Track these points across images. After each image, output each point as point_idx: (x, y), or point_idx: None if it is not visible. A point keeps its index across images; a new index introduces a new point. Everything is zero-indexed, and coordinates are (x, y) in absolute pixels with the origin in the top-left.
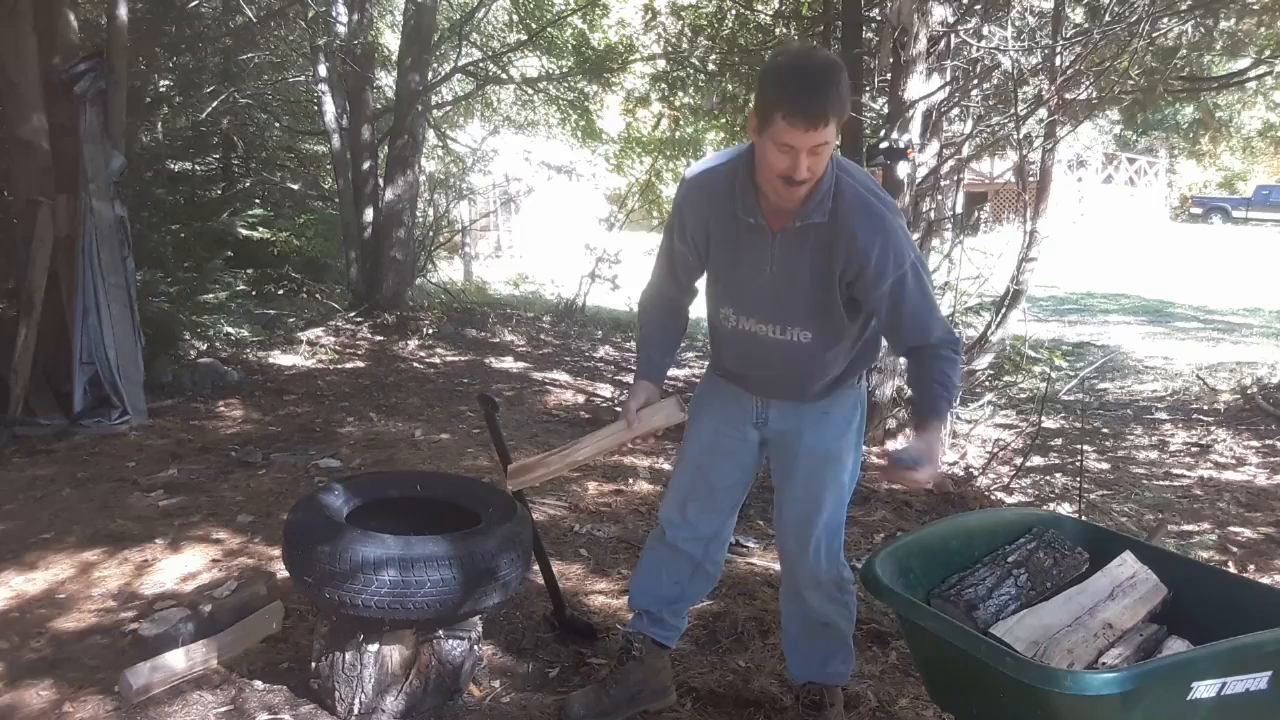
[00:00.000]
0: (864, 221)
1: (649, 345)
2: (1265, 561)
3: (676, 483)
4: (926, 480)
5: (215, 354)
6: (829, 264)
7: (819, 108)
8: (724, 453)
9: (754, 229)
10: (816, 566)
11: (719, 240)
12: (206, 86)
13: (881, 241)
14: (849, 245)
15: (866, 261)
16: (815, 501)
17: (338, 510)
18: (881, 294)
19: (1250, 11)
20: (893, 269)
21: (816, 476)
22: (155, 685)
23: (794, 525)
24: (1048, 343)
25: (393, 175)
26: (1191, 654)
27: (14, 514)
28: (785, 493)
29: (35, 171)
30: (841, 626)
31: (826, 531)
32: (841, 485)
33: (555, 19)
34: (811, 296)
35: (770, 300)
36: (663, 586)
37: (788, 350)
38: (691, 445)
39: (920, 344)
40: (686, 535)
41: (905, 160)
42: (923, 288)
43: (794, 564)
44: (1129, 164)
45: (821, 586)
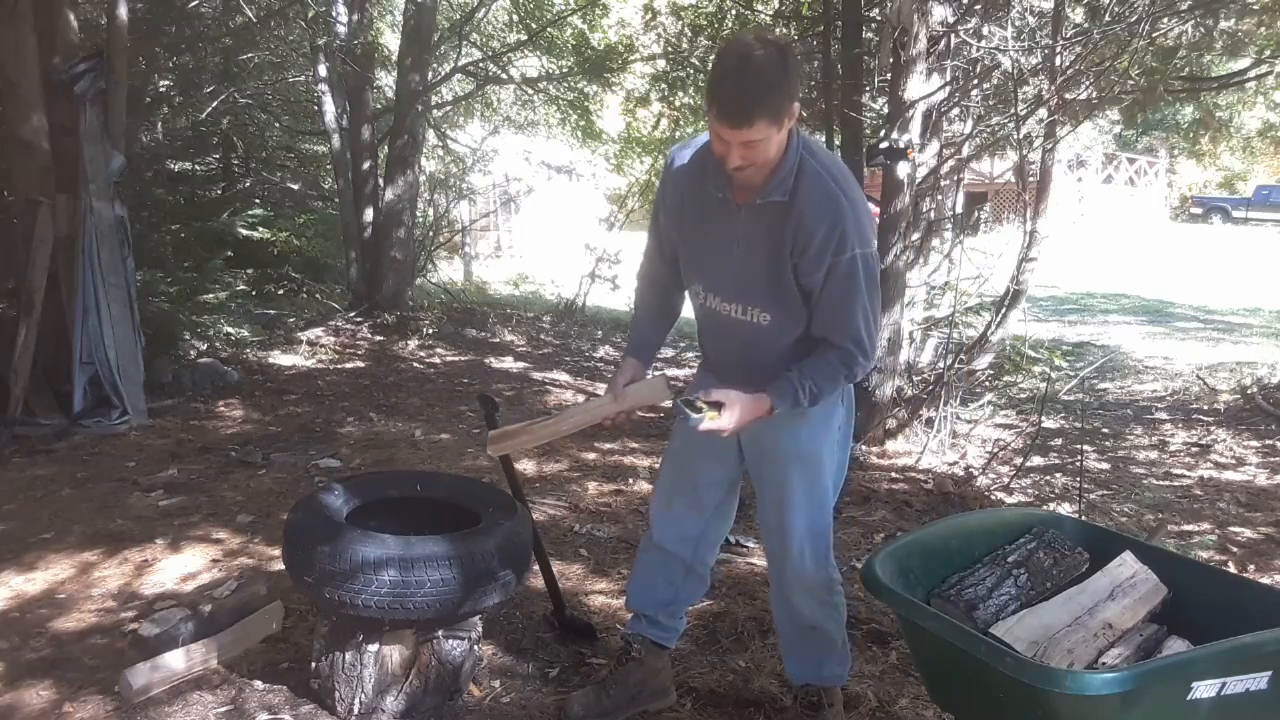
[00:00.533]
0: (816, 201)
1: (640, 324)
2: (1265, 561)
3: (661, 480)
4: (711, 429)
5: (215, 354)
6: (782, 242)
7: (744, 111)
8: (704, 449)
9: (722, 203)
10: (801, 570)
11: (691, 214)
12: (206, 86)
13: (830, 222)
14: (798, 223)
15: (810, 240)
16: (792, 504)
17: (338, 510)
18: (816, 278)
19: (1250, 11)
20: (832, 253)
21: (792, 479)
22: (155, 685)
23: (773, 529)
24: (1048, 343)
25: (393, 175)
26: (1191, 654)
27: (14, 514)
28: (762, 495)
29: (35, 171)
30: (830, 629)
31: (810, 535)
32: (821, 488)
33: (555, 19)
34: (768, 275)
35: (734, 277)
36: (657, 589)
37: (748, 333)
38: (674, 441)
39: (824, 337)
40: (673, 535)
41: (905, 160)
42: (855, 284)
43: (779, 567)
44: (1129, 164)
45: (808, 590)
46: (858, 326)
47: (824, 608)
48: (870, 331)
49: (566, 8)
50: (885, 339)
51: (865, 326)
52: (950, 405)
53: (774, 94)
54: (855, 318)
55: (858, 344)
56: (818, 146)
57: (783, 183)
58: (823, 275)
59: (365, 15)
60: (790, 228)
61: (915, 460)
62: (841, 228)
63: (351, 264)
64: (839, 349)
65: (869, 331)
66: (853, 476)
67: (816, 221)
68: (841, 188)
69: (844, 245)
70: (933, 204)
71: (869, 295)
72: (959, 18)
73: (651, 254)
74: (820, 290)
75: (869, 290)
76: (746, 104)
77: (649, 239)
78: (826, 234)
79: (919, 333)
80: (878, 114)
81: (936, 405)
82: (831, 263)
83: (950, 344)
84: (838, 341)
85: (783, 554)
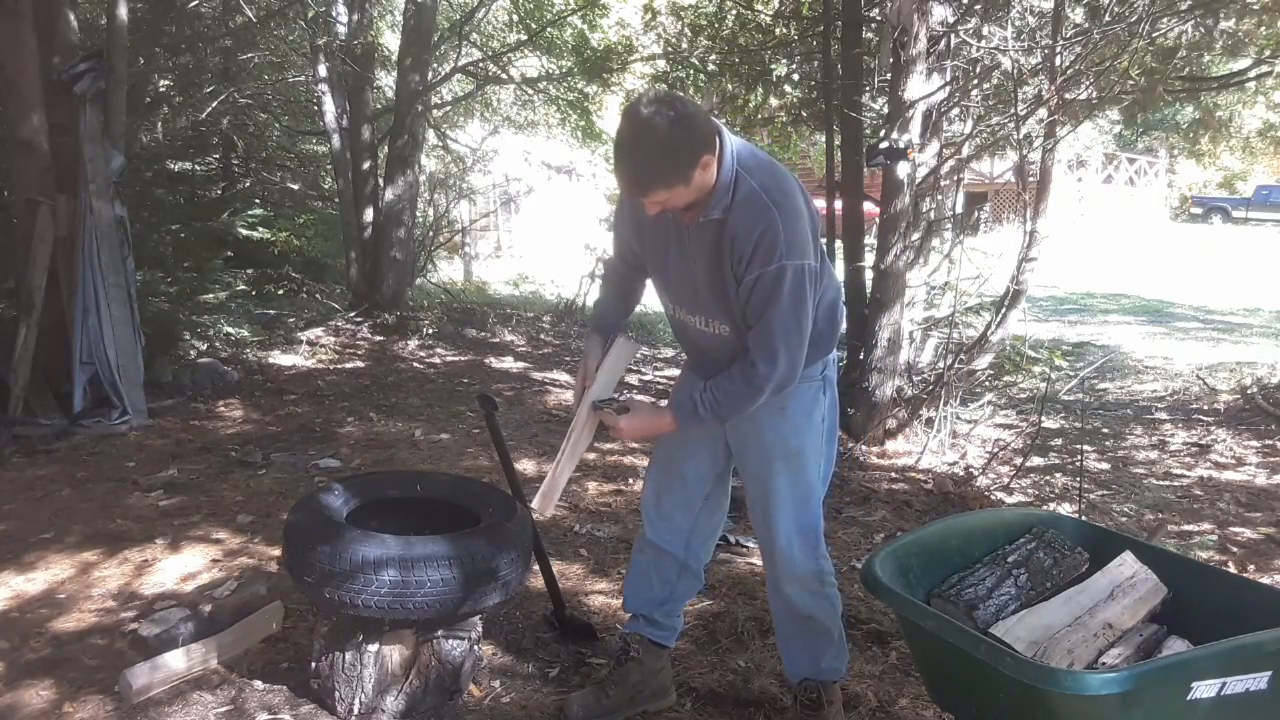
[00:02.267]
0: (749, 215)
1: (602, 305)
2: (1265, 561)
3: (650, 477)
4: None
5: (215, 354)
6: (721, 257)
7: (638, 185)
8: (690, 443)
9: (674, 222)
10: (790, 562)
11: (650, 231)
12: (206, 86)
13: (762, 232)
14: (732, 236)
15: (744, 251)
16: (778, 499)
17: (338, 510)
18: (746, 284)
19: (1250, 11)
20: (760, 263)
21: (777, 473)
22: (155, 685)
23: (761, 524)
24: (1048, 343)
25: (393, 175)
26: (1191, 654)
27: (14, 514)
28: (749, 491)
29: (35, 171)
30: (825, 620)
31: (798, 529)
32: (807, 482)
33: (555, 19)
34: (716, 290)
35: (690, 292)
36: (652, 588)
37: (713, 342)
38: (661, 439)
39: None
40: (664, 530)
41: (905, 160)
42: (778, 297)
43: (769, 560)
44: (1129, 164)
45: (799, 581)
46: (773, 341)
47: (817, 599)
48: (790, 348)
49: (566, 8)
50: (885, 339)
51: (784, 342)
52: (950, 405)
53: (664, 165)
54: (772, 331)
55: (768, 360)
56: (755, 162)
57: (719, 201)
58: (752, 281)
59: (365, 15)
60: (726, 242)
61: (915, 460)
62: (770, 237)
63: (351, 264)
64: (747, 364)
65: (787, 348)
66: (853, 476)
67: (747, 233)
68: (774, 199)
69: (771, 255)
70: (933, 204)
71: (793, 310)
72: (959, 18)
73: (614, 256)
74: (747, 299)
75: (794, 305)
76: (639, 180)
77: (614, 241)
78: (757, 245)
79: (919, 333)
80: (878, 114)
81: (936, 405)
82: (760, 274)
83: (950, 344)
84: (752, 354)
85: (772, 548)
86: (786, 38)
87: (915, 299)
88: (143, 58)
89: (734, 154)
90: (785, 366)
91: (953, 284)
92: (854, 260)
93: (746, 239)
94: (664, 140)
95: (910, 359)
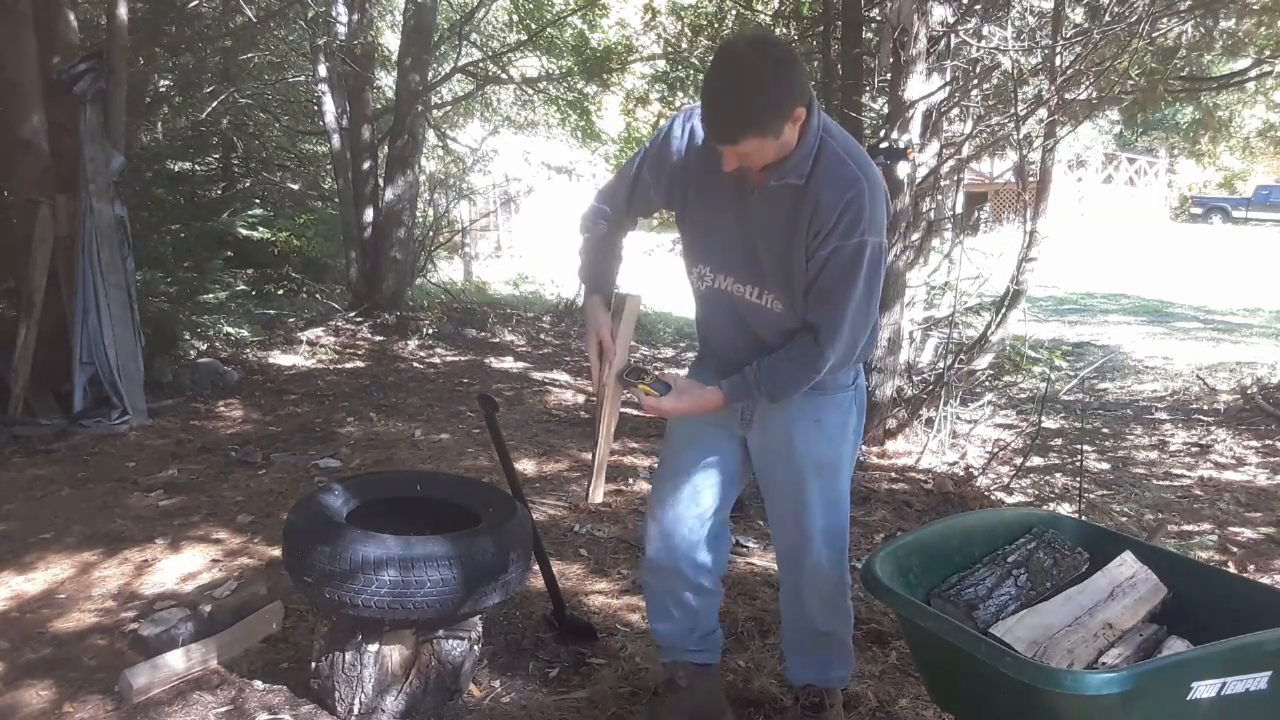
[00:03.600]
0: (835, 181)
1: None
2: (1265, 561)
3: (658, 486)
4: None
5: (215, 354)
6: (796, 226)
7: (729, 132)
8: (706, 449)
9: (736, 180)
10: (817, 573)
11: (700, 184)
12: (206, 86)
13: (848, 202)
14: (815, 204)
15: (826, 222)
16: (810, 512)
17: (338, 510)
18: (820, 258)
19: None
20: (840, 235)
21: (809, 485)
22: (155, 685)
23: (789, 534)
24: (1048, 343)
25: (393, 175)
26: (1191, 654)
27: (14, 514)
28: (776, 502)
29: (35, 171)
30: (842, 634)
31: (827, 541)
32: (839, 492)
33: (555, 19)
34: (779, 261)
35: (745, 260)
36: (674, 620)
37: (760, 319)
38: (672, 442)
39: (810, 328)
40: (664, 549)
41: (905, 160)
42: (854, 274)
43: (795, 571)
44: (1129, 164)
45: (822, 593)
46: (840, 320)
47: (839, 613)
48: (855, 331)
49: (566, 8)
50: (885, 339)
51: (851, 325)
52: (950, 405)
53: (761, 112)
54: (843, 309)
55: (832, 340)
56: (838, 130)
57: (799, 166)
58: (827, 254)
59: (365, 15)
60: (807, 211)
61: (915, 460)
62: (858, 208)
63: (351, 264)
64: (808, 341)
65: (853, 331)
66: (853, 477)
67: (834, 201)
68: (862, 169)
69: (855, 228)
70: (933, 204)
71: (866, 291)
72: (959, 18)
73: (616, 199)
74: (819, 273)
75: (868, 286)
76: (733, 124)
77: (617, 185)
78: (841, 213)
79: (919, 333)
80: (878, 114)
81: (936, 405)
82: (837, 246)
83: (950, 344)
84: (816, 332)
85: (801, 560)
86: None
87: (915, 299)
88: (143, 58)
89: (820, 116)
90: (846, 348)
91: (953, 284)
92: None
93: (831, 209)
94: (765, 83)
95: (910, 359)
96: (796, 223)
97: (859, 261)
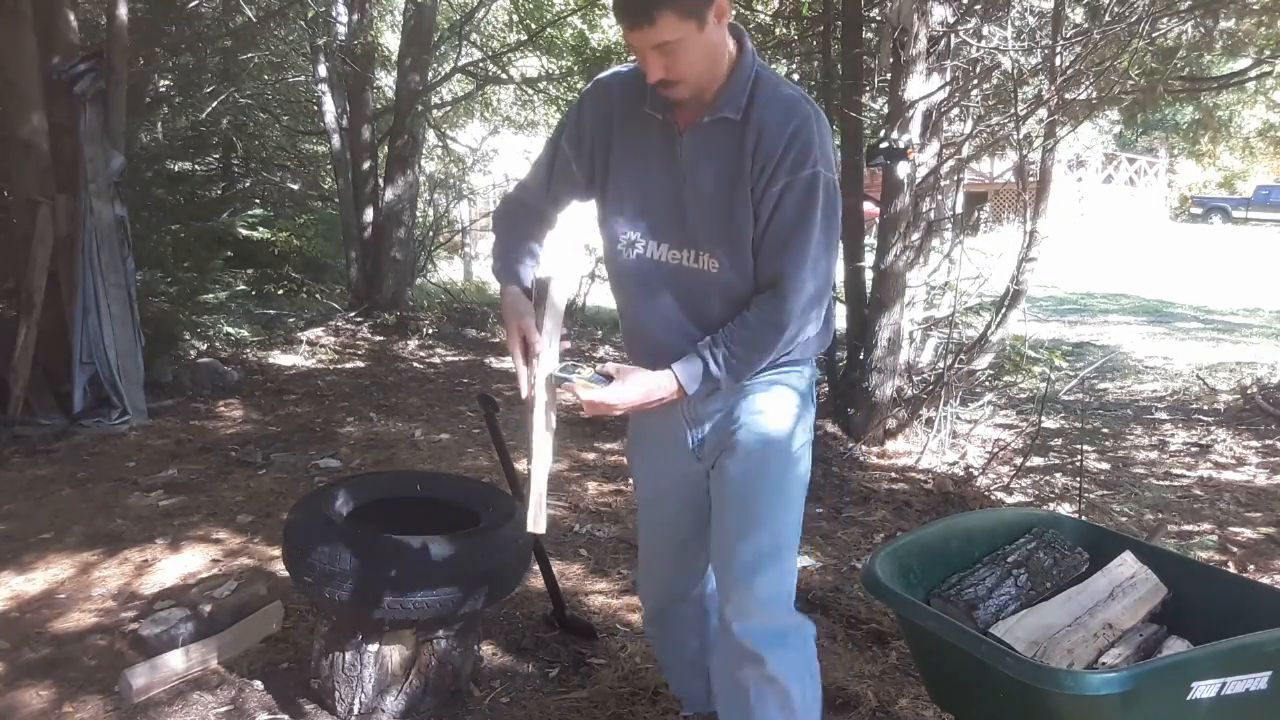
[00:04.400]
0: (779, 110)
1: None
2: (1265, 561)
3: (640, 541)
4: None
5: (215, 354)
6: (738, 167)
7: (639, 8)
8: (672, 499)
9: (663, 127)
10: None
11: (625, 144)
12: (206, 86)
13: (796, 129)
14: (758, 137)
15: (773, 151)
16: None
17: (338, 510)
18: (770, 196)
19: (1250, 11)
20: (792, 167)
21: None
22: (155, 685)
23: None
24: (1048, 343)
25: (393, 175)
26: (1191, 654)
27: (14, 514)
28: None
29: (35, 171)
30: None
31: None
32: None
33: (555, 19)
34: (717, 209)
35: (676, 218)
36: (687, 681)
37: (699, 284)
38: (641, 503)
39: (767, 285)
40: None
41: (905, 160)
42: (810, 211)
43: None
44: (1129, 164)
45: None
46: (801, 265)
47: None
48: (819, 279)
49: (566, 8)
50: (885, 339)
51: (813, 270)
52: (950, 405)
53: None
54: (802, 252)
55: (795, 289)
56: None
57: (734, 98)
58: (776, 194)
59: (365, 15)
60: (749, 146)
61: (915, 460)
62: (806, 136)
63: (351, 264)
64: (766, 298)
65: (816, 278)
66: (853, 476)
67: (778, 129)
68: (806, 100)
69: (805, 159)
70: (933, 204)
71: (825, 228)
72: (959, 18)
73: (535, 182)
74: (771, 216)
75: (826, 225)
76: None
77: (534, 170)
78: (788, 144)
79: (919, 333)
80: (878, 114)
81: (936, 405)
82: (788, 182)
83: (950, 344)
84: (774, 286)
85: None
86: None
87: (915, 299)
88: (143, 58)
89: (754, 53)
90: (811, 300)
91: (953, 284)
92: (854, 260)
93: (777, 136)
94: None
95: (910, 359)
96: (738, 163)
97: (813, 196)
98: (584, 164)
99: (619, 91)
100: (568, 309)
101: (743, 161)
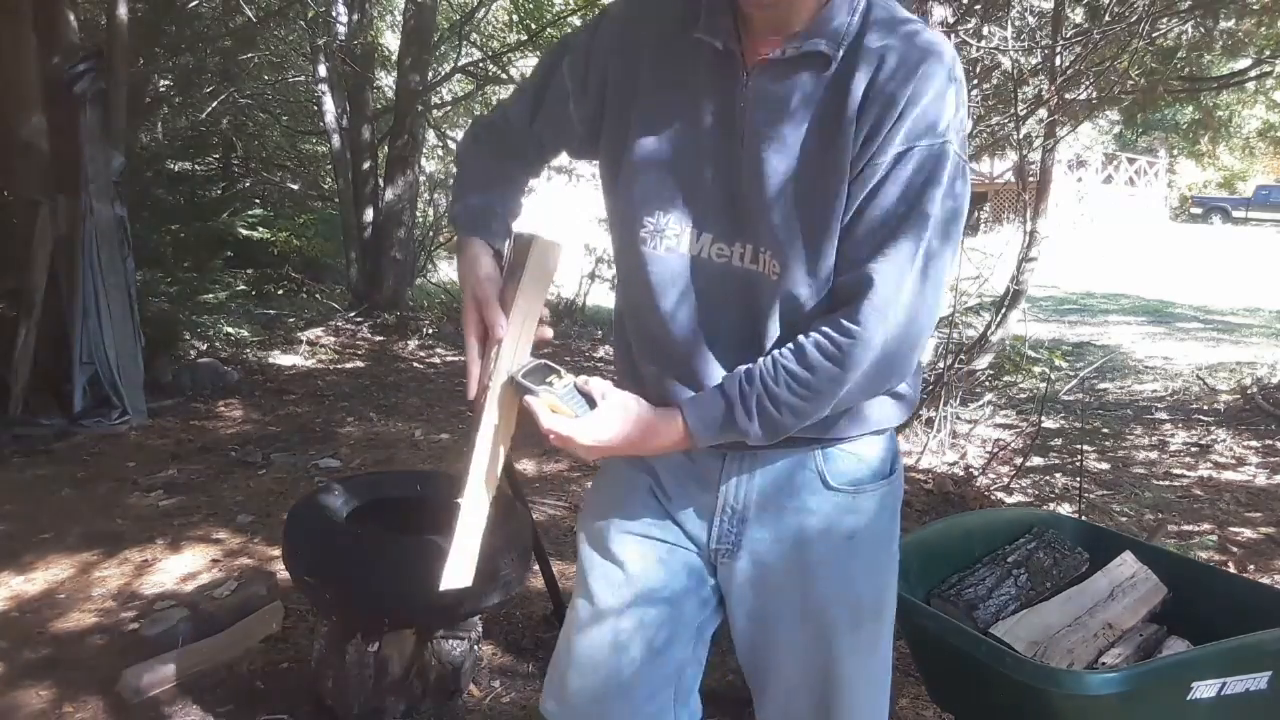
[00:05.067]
0: (901, 46)
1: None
2: (1265, 561)
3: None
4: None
5: (215, 354)
6: (834, 123)
7: None
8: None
9: (720, 61)
10: None
11: (660, 84)
12: (206, 86)
13: (922, 80)
14: (868, 84)
15: (888, 109)
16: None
17: (338, 510)
18: (876, 167)
19: (1250, 11)
20: (908, 135)
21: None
22: (155, 685)
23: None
24: (1048, 343)
25: (393, 175)
26: (1191, 654)
27: (14, 514)
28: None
29: (35, 171)
30: None
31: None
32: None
33: (555, 19)
34: (791, 188)
35: (732, 197)
36: None
37: (747, 294)
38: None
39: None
40: None
41: None
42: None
43: None
44: (1129, 164)
45: None
46: (900, 280)
47: None
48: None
49: (566, 8)
50: None
51: (918, 286)
52: (950, 405)
53: None
54: (906, 261)
55: (881, 316)
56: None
57: (836, 23)
58: (884, 166)
59: (365, 15)
60: (854, 94)
61: (915, 460)
62: (938, 90)
63: (351, 264)
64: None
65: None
66: None
67: (900, 75)
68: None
69: (933, 123)
70: None
71: (942, 232)
72: (959, 18)
73: (518, 107)
74: (871, 198)
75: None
76: None
77: (518, 93)
78: (912, 97)
79: None
80: None
81: (936, 405)
82: (904, 151)
83: (950, 344)
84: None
85: None
86: None
87: None
88: (143, 58)
89: None
90: (906, 327)
91: (953, 284)
92: None
93: (900, 82)
94: None
95: None
96: (833, 119)
97: (935, 178)
98: (586, 106)
99: (657, 8)
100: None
101: (841, 117)
